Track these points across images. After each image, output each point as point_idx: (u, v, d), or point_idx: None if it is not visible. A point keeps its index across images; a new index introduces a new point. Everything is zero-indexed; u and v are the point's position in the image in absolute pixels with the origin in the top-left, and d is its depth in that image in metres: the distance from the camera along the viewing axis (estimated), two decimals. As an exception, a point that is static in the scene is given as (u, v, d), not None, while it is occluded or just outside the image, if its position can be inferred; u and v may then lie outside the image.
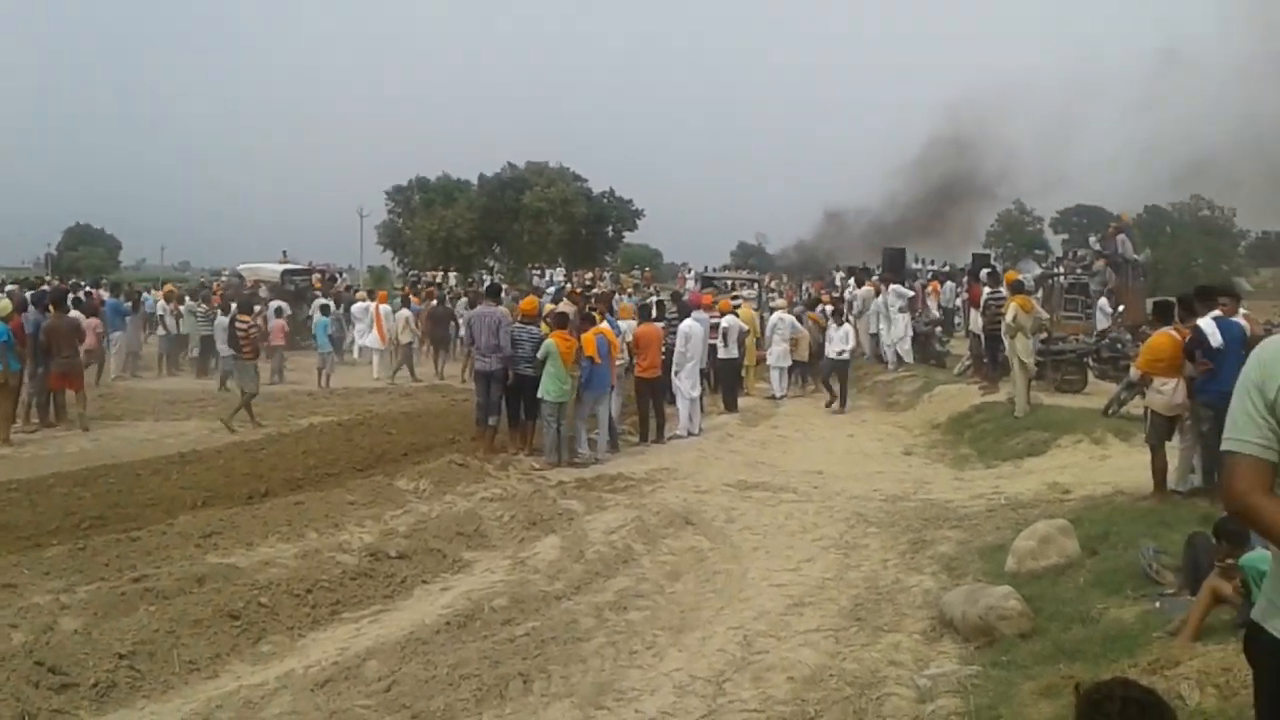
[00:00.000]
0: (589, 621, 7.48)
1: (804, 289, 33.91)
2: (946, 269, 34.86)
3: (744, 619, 7.50)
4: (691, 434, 15.84)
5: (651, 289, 37.53)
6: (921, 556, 8.99)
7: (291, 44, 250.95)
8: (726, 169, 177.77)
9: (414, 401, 19.43)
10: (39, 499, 10.57)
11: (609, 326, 14.89)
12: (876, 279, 25.04)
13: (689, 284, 39.43)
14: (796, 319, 20.87)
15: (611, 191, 66.10)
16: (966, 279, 25.27)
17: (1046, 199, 71.26)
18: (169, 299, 25.17)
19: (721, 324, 17.92)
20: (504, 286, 24.22)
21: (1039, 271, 26.28)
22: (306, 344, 25.33)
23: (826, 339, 19.15)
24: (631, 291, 32.91)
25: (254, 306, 19.23)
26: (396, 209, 66.91)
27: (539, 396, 13.26)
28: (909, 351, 21.74)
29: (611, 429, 14.46)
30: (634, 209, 66.86)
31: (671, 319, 17.75)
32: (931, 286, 26.83)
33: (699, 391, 16.42)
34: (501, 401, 13.79)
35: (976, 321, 18.64)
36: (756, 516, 10.74)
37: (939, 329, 23.92)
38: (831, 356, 18.94)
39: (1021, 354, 14.61)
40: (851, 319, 24.92)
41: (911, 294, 23.16)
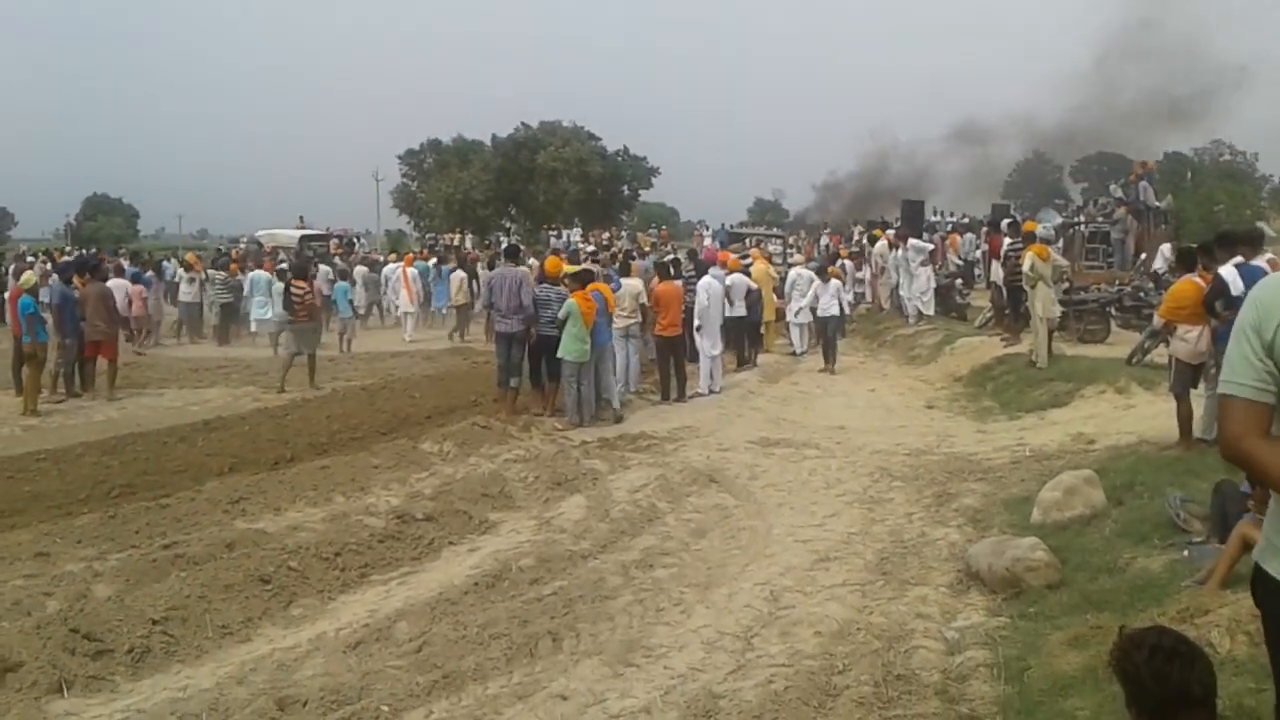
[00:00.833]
0: (616, 580, 7.53)
1: (823, 244, 33.78)
2: (965, 221, 34.61)
3: (770, 575, 7.53)
4: (713, 391, 15.84)
5: (669, 247, 37.43)
6: (946, 509, 8.99)
7: (304, 7, 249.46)
8: (742, 125, 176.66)
9: (436, 364, 19.47)
10: (68, 468, 10.67)
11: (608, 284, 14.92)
12: (894, 233, 24.85)
13: (706, 241, 39.36)
14: (815, 274, 20.72)
15: (626, 150, 65.69)
16: (986, 230, 25.10)
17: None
18: (188, 268, 25.26)
19: (726, 282, 17.56)
20: (522, 247, 24.29)
21: (1060, 221, 26.03)
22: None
23: (814, 296, 18.77)
24: (649, 250, 32.80)
25: (308, 272, 19.43)
26: (410, 173, 66.76)
27: (559, 356, 13.28)
28: (930, 304, 21.59)
29: (608, 387, 14.32)
30: (649, 167, 66.48)
31: (689, 277, 17.68)
32: (950, 240, 26.65)
33: (719, 349, 16.39)
34: (523, 363, 13.80)
35: (997, 273, 18.49)
36: (780, 473, 10.75)
37: (959, 281, 23.77)
38: (821, 315, 18.64)
39: (1042, 303, 14.50)
40: (872, 273, 24.95)
41: (931, 247, 22.97)
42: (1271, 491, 2.62)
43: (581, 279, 14.01)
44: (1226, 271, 8.83)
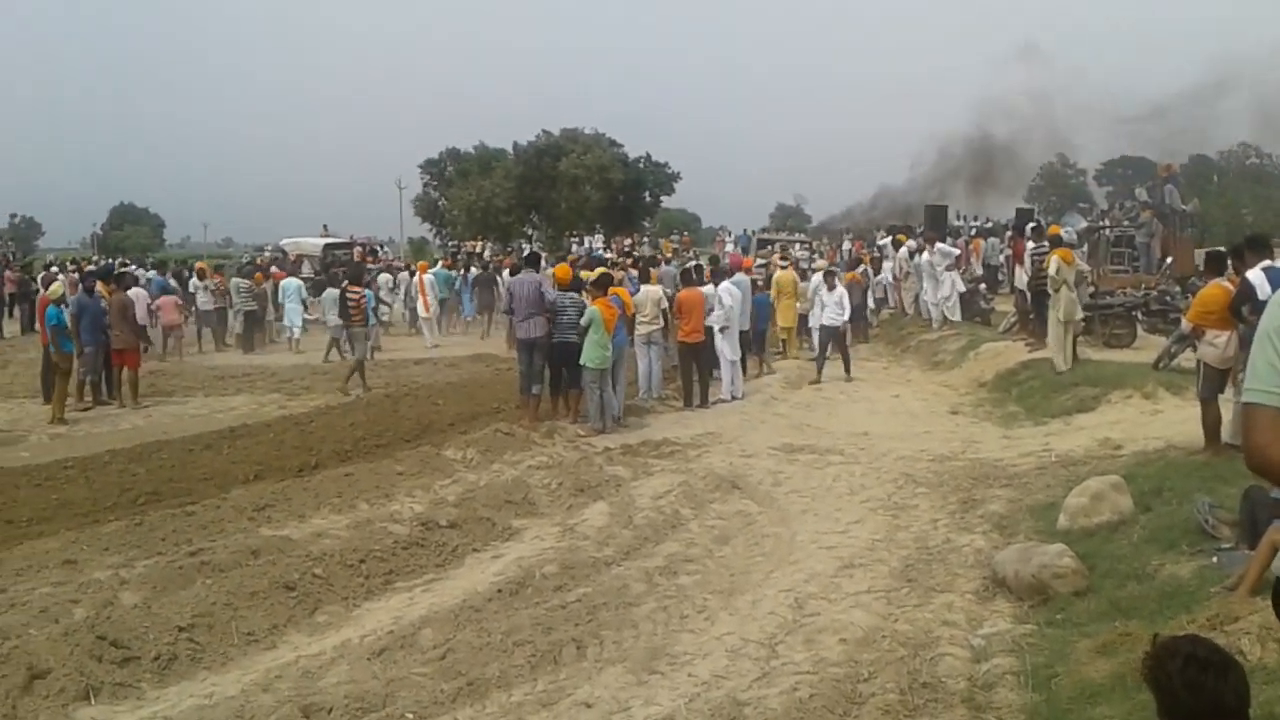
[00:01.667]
0: (639, 587, 7.52)
1: (846, 249, 33.71)
2: (989, 225, 34.45)
3: (794, 581, 7.50)
4: (735, 397, 15.80)
5: (690, 253, 37.46)
6: (972, 516, 8.93)
7: (327, 19, 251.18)
8: (763, 131, 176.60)
9: (459, 372, 19.54)
10: (95, 476, 10.77)
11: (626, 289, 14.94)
12: (918, 238, 24.72)
13: (728, 247, 39.38)
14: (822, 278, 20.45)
15: (648, 156, 65.68)
16: (1010, 234, 24.96)
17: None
18: (201, 275, 25.45)
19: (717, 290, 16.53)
20: (543, 254, 24.35)
21: (1084, 225, 25.86)
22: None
23: (820, 304, 18.11)
24: (670, 256, 32.81)
25: (363, 278, 20.18)
26: (432, 181, 66.99)
27: (581, 364, 13.29)
28: (956, 309, 21.42)
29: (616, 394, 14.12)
30: (670, 173, 66.46)
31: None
32: (973, 244, 26.51)
33: (739, 355, 16.34)
34: (545, 370, 13.81)
35: (1021, 278, 18.39)
36: (804, 479, 10.71)
37: (983, 286, 23.64)
38: (825, 324, 17.86)
39: (1065, 307, 14.40)
40: (896, 278, 24.84)
41: (958, 252, 22.78)
42: None
43: (601, 284, 14.02)
44: (1254, 275, 8.75)
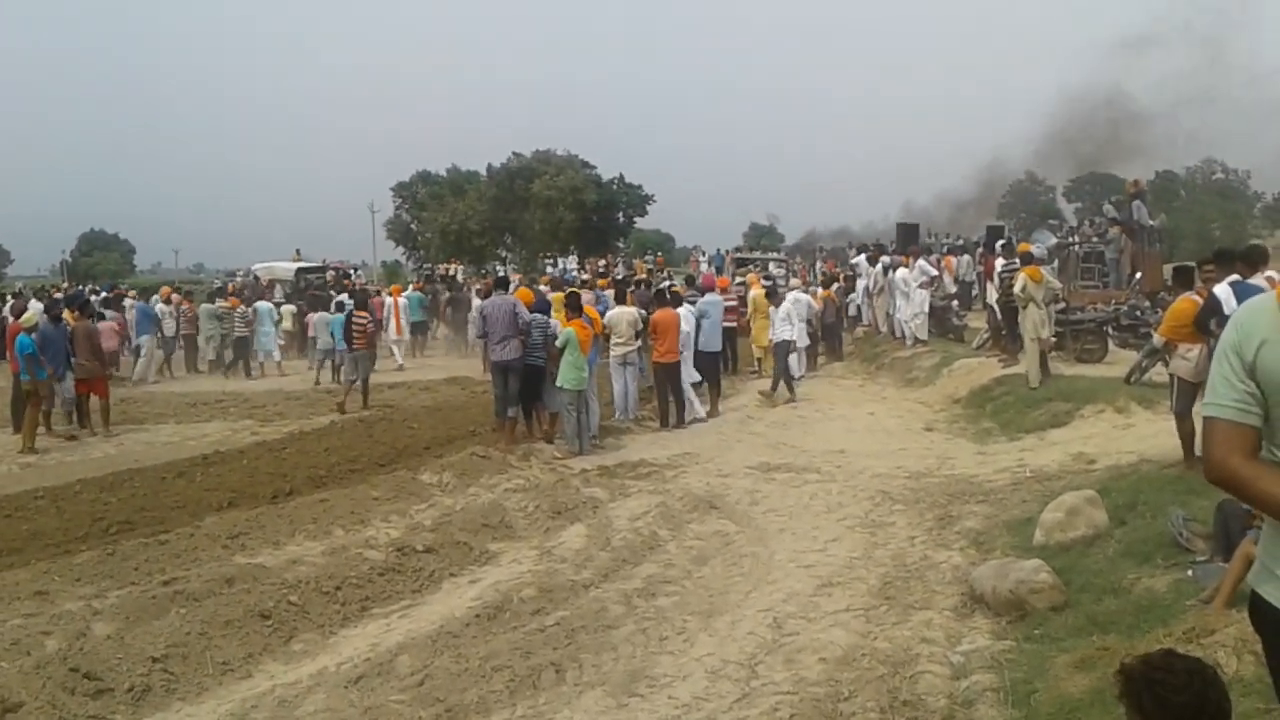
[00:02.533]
0: (618, 609, 7.49)
1: (817, 268, 33.88)
2: (960, 243, 34.70)
3: (773, 601, 7.49)
4: (697, 419, 15.88)
5: (665, 273, 37.57)
6: (949, 532, 8.96)
7: (296, 42, 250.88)
8: (735, 151, 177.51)
9: (433, 395, 19.48)
10: (66, 505, 10.64)
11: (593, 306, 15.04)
12: (891, 255, 24.83)
13: (703, 267, 39.56)
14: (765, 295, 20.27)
15: (621, 178, 65.97)
16: (981, 251, 25.11)
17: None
18: (167, 301, 25.40)
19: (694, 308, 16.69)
20: (516, 276, 24.39)
21: (1055, 241, 26.08)
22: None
23: (772, 321, 18.03)
24: (645, 277, 32.85)
25: (368, 302, 20.79)
26: (404, 204, 66.95)
27: (558, 385, 13.27)
28: (924, 328, 21.48)
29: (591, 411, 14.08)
30: (644, 194, 66.72)
31: (690, 300, 17.62)
32: (945, 262, 26.66)
33: (695, 377, 16.31)
34: (519, 392, 13.77)
35: (992, 294, 18.51)
36: (781, 498, 10.72)
37: (956, 303, 23.78)
38: (775, 340, 17.77)
39: (1034, 324, 14.53)
40: (870, 296, 24.94)
41: (935, 273, 22.86)
42: (1263, 514, 2.62)
43: (572, 304, 14.04)
44: (1221, 289, 8.83)
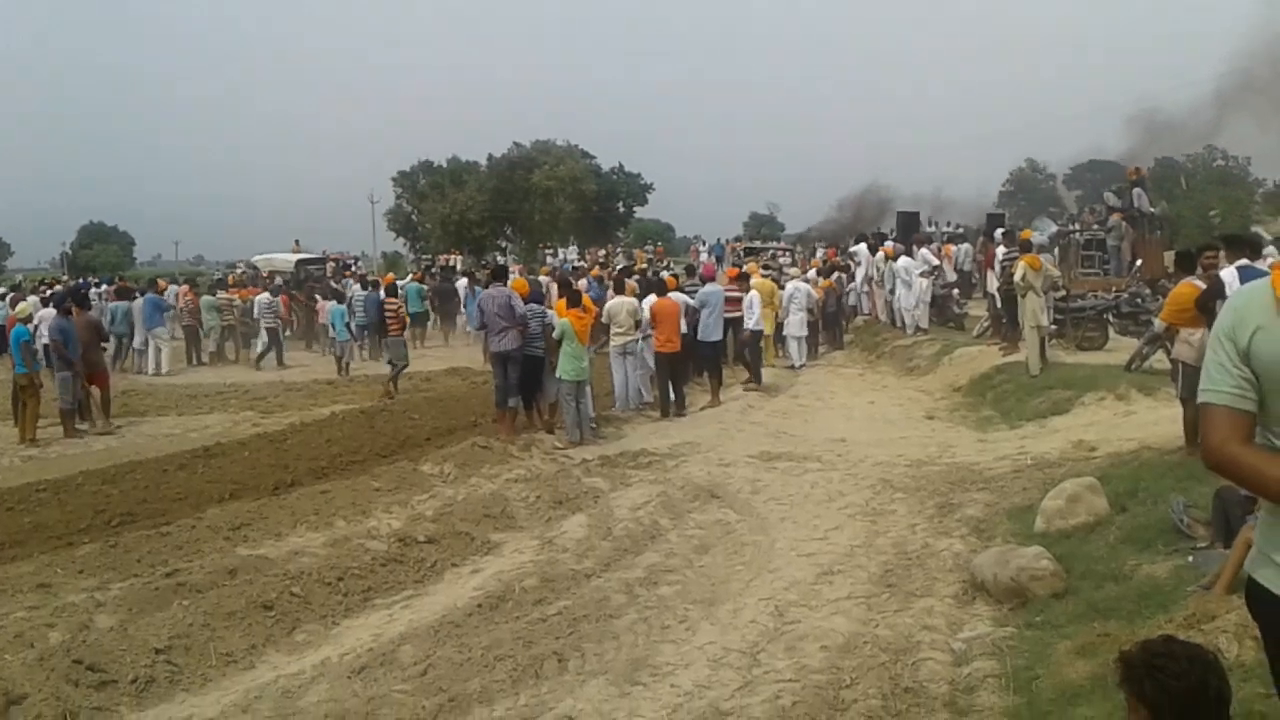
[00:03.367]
0: (620, 598, 7.50)
1: (818, 256, 33.83)
2: (960, 230, 34.68)
3: (775, 589, 7.51)
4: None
5: (665, 263, 37.57)
6: (949, 520, 8.96)
7: (296, 32, 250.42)
8: (736, 140, 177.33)
9: (434, 386, 19.47)
10: (68, 498, 10.64)
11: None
12: (892, 244, 24.80)
13: (702, 256, 39.56)
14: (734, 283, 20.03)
15: (620, 167, 65.98)
16: (982, 240, 25.10)
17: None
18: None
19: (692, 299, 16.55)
20: (517, 267, 24.40)
21: (1055, 229, 26.08)
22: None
23: (745, 310, 17.42)
24: (645, 267, 32.85)
25: (398, 289, 21.54)
26: (404, 194, 66.85)
27: (557, 376, 13.29)
28: (925, 316, 21.46)
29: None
30: (643, 184, 66.70)
31: (691, 291, 17.60)
32: (945, 250, 26.63)
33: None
34: (520, 382, 13.75)
35: (993, 282, 18.51)
36: (782, 487, 10.73)
37: (956, 291, 23.76)
38: (748, 328, 17.46)
39: (1034, 312, 14.53)
40: (870, 284, 24.91)
41: (937, 261, 22.78)
42: (1260, 499, 2.62)
43: (568, 294, 14.05)
44: (1226, 273, 8.84)
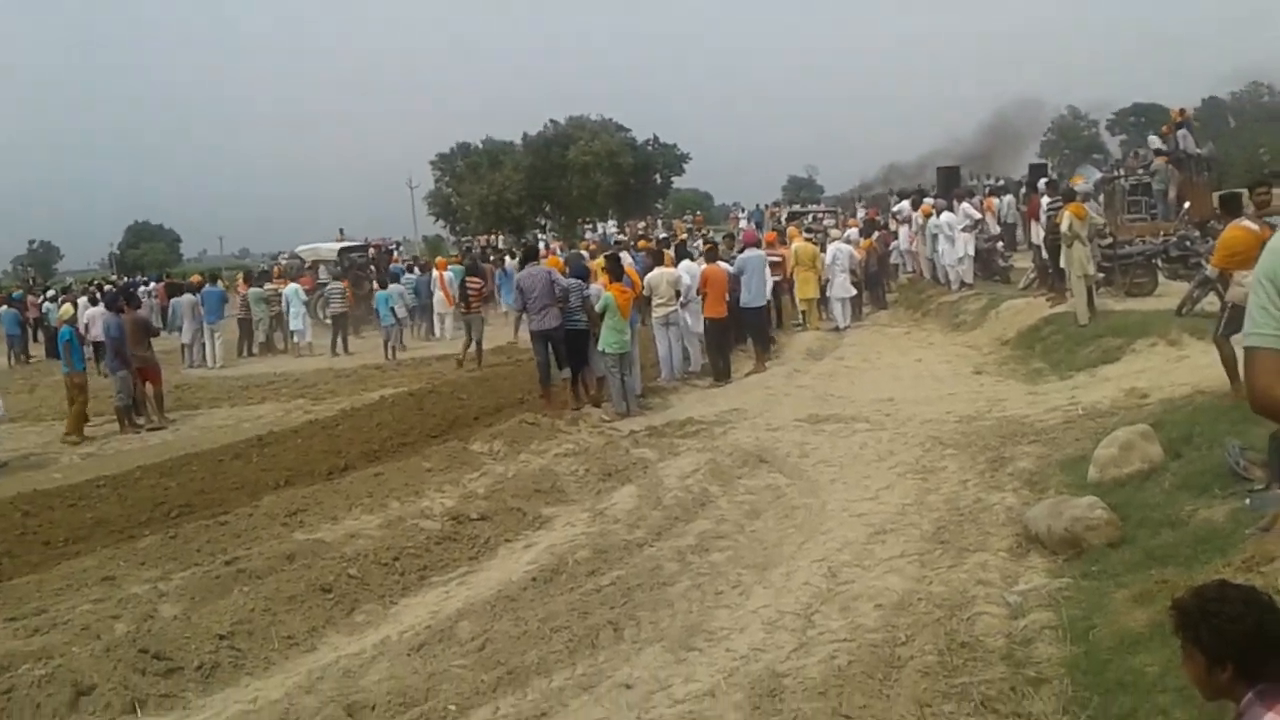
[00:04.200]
0: (672, 566, 7.52)
1: (859, 216, 33.54)
2: (1002, 184, 34.21)
3: (827, 551, 7.50)
4: (691, 371, 16.16)
5: (704, 231, 37.47)
6: (1001, 474, 8.88)
7: (325, 25, 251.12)
8: (770, 104, 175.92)
9: (479, 366, 19.58)
10: (127, 492, 10.88)
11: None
12: (931, 200, 24.52)
13: (741, 223, 39.38)
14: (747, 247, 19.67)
15: (656, 139, 65.78)
16: (1024, 190, 24.73)
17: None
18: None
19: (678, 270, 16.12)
20: (557, 244, 24.45)
21: (1099, 176, 25.64)
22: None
23: (743, 286, 16.47)
24: (685, 237, 32.77)
25: (480, 269, 22.60)
26: (443, 177, 67.11)
27: (600, 349, 13.32)
28: (969, 272, 21.20)
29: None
30: (680, 154, 66.44)
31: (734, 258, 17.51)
32: (987, 203, 26.27)
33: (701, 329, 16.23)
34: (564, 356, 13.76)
35: (1037, 233, 18.25)
36: (831, 449, 10.69)
37: (1000, 244, 23.45)
38: (746, 306, 16.58)
39: (1080, 261, 14.32)
40: (919, 242, 24.65)
41: (979, 215, 22.49)
42: None
43: (613, 268, 14.04)
44: None
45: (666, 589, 7.07)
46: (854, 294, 20.52)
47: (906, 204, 25.81)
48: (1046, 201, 17.46)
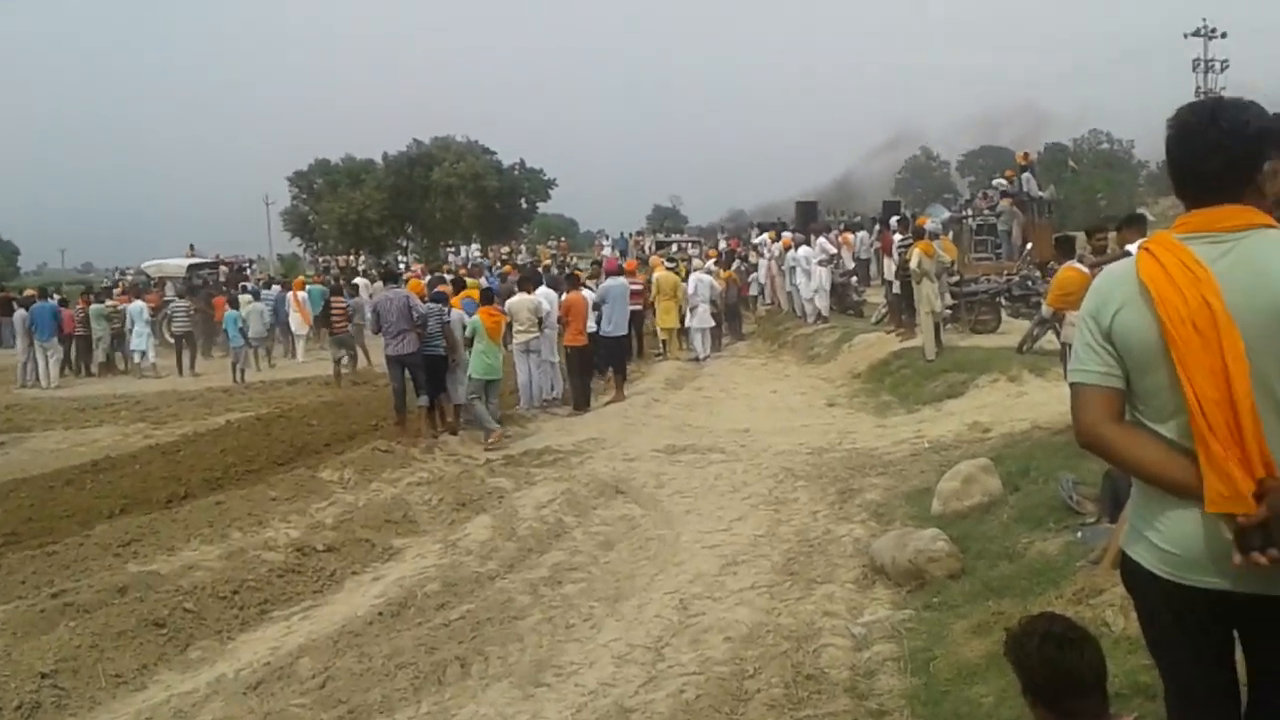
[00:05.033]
0: (524, 599, 7.43)
1: (721, 247, 34.04)
2: (857, 219, 35.19)
3: (679, 583, 7.50)
4: (555, 398, 16.13)
5: (568, 258, 37.52)
6: (850, 505, 9.06)
7: (183, 31, 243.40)
8: (638, 132, 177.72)
9: (333, 391, 19.11)
10: (-52, 519, 10.20)
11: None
12: (790, 234, 25.05)
13: (606, 251, 39.62)
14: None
15: (522, 163, 65.62)
16: (878, 227, 25.47)
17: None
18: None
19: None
20: (418, 266, 24.14)
21: (948, 215, 26.57)
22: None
23: (605, 316, 16.52)
24: (549, 263, 32.75)
25: (342, 289, 22.53)
26: (300, 194, 65.56)
27: (469, 375, 13.15)
28: (824, 305, 21.70)
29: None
30: (546, 179, 66.42)
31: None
32: (842, 238, 26.97)
33: (556, 358, 16.37)
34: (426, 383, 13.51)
35: (890, 269, 18.80)
36: (686, 480, 10.75)
37: (855, 279, 24.08)
38: (607, 335, 16.55)
39: (928, 298, 14.80)
40: (770, 274, 25.14)
41: (835, 250, 23.06)
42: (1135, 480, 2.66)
43: (483, 294, 13.94)
44: (1134, 250, 9.05)
45: (517, 623, 6.97)
46: (714, 324, 20.77)
47: (766, 236, 26.28)
48: (899, 238, 18.00)
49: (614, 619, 6.92)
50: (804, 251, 22.01)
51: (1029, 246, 22.27)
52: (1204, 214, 2.51)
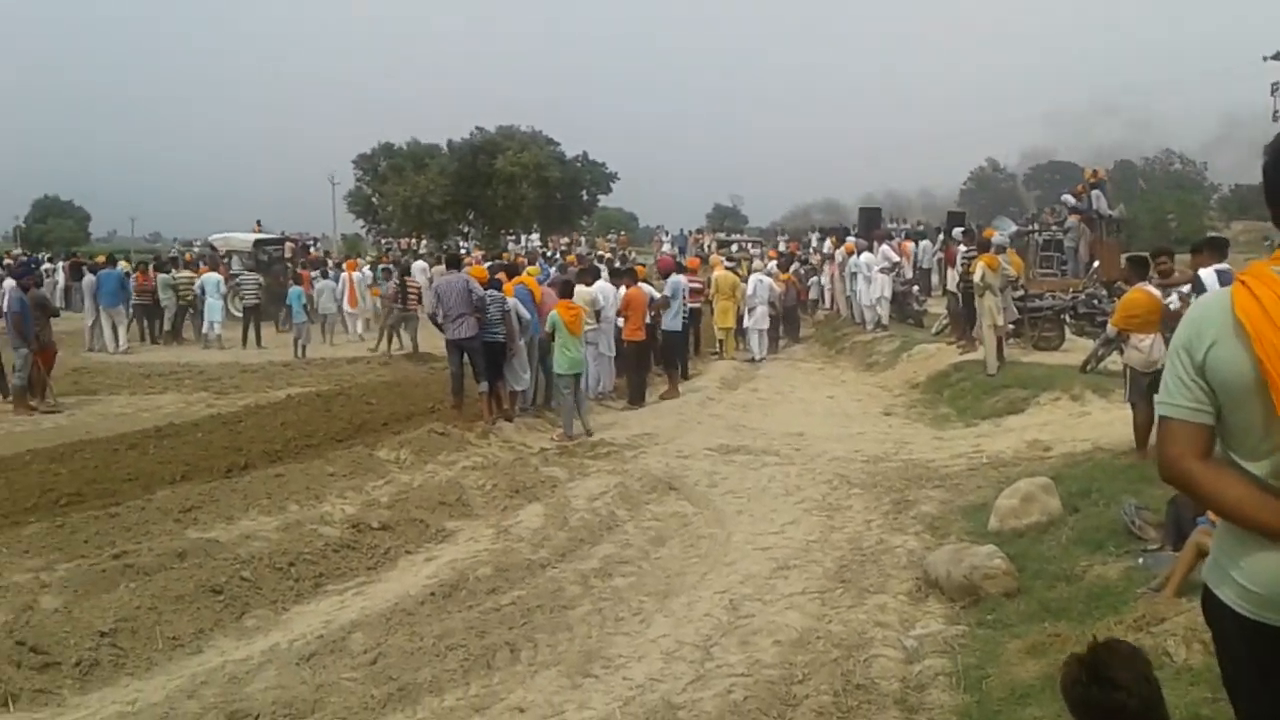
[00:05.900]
0: (574, 589, 7.47)
1: (781, 250, 33.94)
2: (920, 228, 34.90)
3: (729, 583, 7.50)
4: (604, 392, 16.12)
5: (627, 252, 37.59)
6: (905, 517, 9.00)
7: (258, 11, 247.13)
8: (703, 131, 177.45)
9: (392, 370, 19.31)
10: (15, 476, 10.41)
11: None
12: (853, 240, 24.92)
13: (665, 247, 39.62)
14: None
15: (585, 155, 65.63)
16: (943, 238, 25.22)
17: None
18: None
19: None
20: (479, 252, 24.32)
21: (1015, 229, 26.24)
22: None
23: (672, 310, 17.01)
24: (608, 255, 32.83)
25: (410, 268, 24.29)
26: (365, 177, 66.16)
27: (556, 372, 13.31)
28: (884, 313, 21.58)
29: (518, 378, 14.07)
30: (608, 172, 66.43)
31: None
32: (902, 247, 26.73)
33: (613, 352, 16.29)
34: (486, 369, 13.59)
35: (953, 280, 18.62)
36: (739, 480, 10.73)
37: (916, 288, 23.89)
38: (667, 329, 16.91)
39: (991, 311, 14.64)
40: (838, 279, 25.00)
41: (898, 258, 22.89)
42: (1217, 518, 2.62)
43: (563, 289, 14.01)
44: (1207, 275, 8.92)
45: (567, 612, 7.01)
46: (770, 326, 20.72)
47: (828, 241, 26.16)
48: (963, 249, 17.82)
49: (663, 615, 6.93)
50: (866, 258, 21.91)
51: (1095, 264, 21.95)
52: None
